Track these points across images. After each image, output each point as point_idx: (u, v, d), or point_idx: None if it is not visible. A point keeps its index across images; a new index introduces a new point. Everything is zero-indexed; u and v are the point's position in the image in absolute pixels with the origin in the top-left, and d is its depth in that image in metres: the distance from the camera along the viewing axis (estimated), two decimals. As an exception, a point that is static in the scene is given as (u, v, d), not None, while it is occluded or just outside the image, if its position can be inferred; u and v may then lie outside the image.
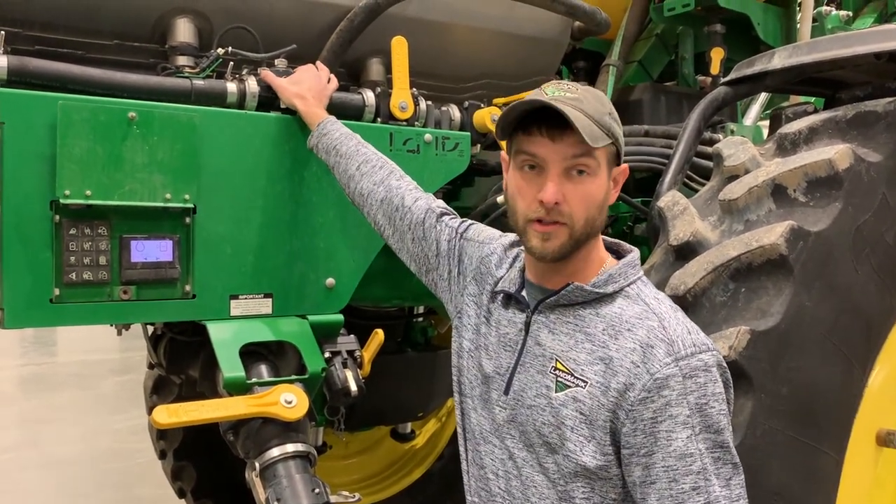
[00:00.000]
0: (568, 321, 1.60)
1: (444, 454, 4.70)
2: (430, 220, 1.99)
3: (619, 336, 1.52)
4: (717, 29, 3.24)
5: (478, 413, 1.73)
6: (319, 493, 2.02)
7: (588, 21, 2.90)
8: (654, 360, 1.46)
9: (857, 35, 2.40)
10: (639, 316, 1.53)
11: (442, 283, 1.95)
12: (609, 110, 1.57)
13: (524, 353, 1.64)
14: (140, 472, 5.76)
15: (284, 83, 2.30)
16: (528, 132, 1.55)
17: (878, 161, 2.16)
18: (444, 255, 1.94)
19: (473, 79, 3.00)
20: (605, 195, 1.59)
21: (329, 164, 2.23)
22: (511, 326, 1.69)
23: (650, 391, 1.45)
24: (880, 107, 2.24)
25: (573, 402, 1.52)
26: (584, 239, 1.57)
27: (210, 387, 2.40)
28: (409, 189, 2.08)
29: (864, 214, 2.11)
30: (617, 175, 1.64)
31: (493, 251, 1.85)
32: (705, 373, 1.46)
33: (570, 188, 1.53)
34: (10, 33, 2.22)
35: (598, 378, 1.51)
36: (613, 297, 1.58)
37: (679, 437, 1.43)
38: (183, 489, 4.00)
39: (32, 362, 9.90)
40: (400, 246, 2.07)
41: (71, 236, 2.02)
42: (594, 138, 1.49)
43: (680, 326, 1.51)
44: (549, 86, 1.58)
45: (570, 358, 1.56)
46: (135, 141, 2.08)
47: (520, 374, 1.64)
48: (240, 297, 2.25)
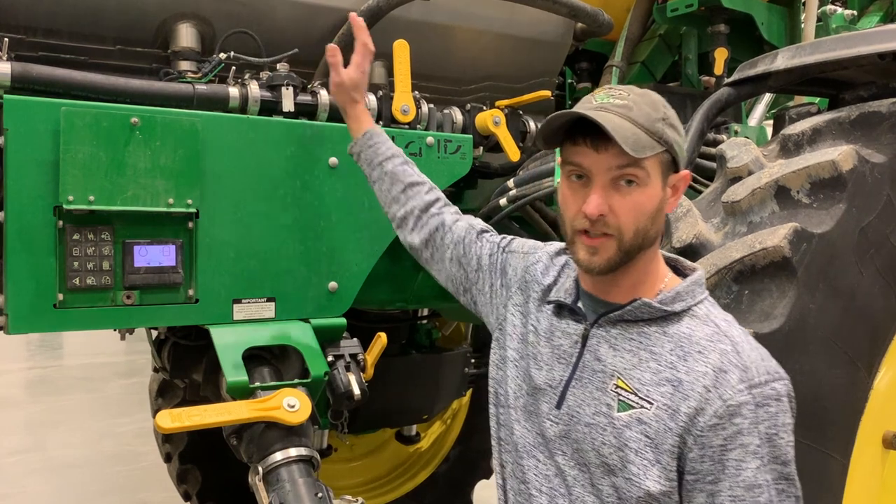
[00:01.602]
0: (631, 338, 1.54)
1: (449, 457, 4.70)
2: (471, 236, 1.97)
3: (688, 358, 1.46)
4: (721, 29, 3.22)
5: (521, 425, 1.67)
6: (322, 498, 2.02)
7: (590, 22, 2.89)
8: (727, 385, 1.41)
9: (860, 35, 2.39)
10: (710, 338, 1.48)
11: (482, 298, 1.91)
12: (662, 115, 1.50)
13: (580, 366, 1.58)
14: (145, 476, 5.77)
15: (337, 82, 2.16)
16: (574, 141, 1.51)
17: (882, 162, 2.15)
18: (486, 269, 1.90)
19: (476, 81, 3.00)
20: (657, 205, 1.52)
21: (370, 176, 2.16)
22: (566, 338, 1.63)
23: (721, 418, 1.40)
24: (884, 107, 2.23)
25: (638, 424, 1.47)
26: (636, 251, 1.51)
27: (213, 391, 2.40)
28: (450, 212, 2.06)
29: (868, 216, 2.10)
30: (677, 182, 1.56)
31: (538, 259, 1.80)
32: (777, 402, 1.42)
33: (618, 199, 1.48)
34: (14, 40, 2.23)
35: (665, 400, 1.45)
36: (680, 317, 1.52)
37: (749, 467, 1.39)
38: (188, 492, 4.01)
39: (38, 366, 9.92)
40: (438, 267, 2.03)
41: (74, 241, 2.03)
42: (639, 148, 1.43)
43: (753, 352, 1.46)
44: (599, 91, 1.54)
45: (633, 377, 1.50)
46: (137, 146, 2.08)
47: (574, 388, 1.58)
48: (242, 301, 2.25)
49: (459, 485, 4.71)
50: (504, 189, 2.73)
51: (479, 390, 4.53)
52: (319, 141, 2.35)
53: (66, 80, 2.10)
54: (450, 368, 3.91)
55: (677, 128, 1.53)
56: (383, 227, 2.45)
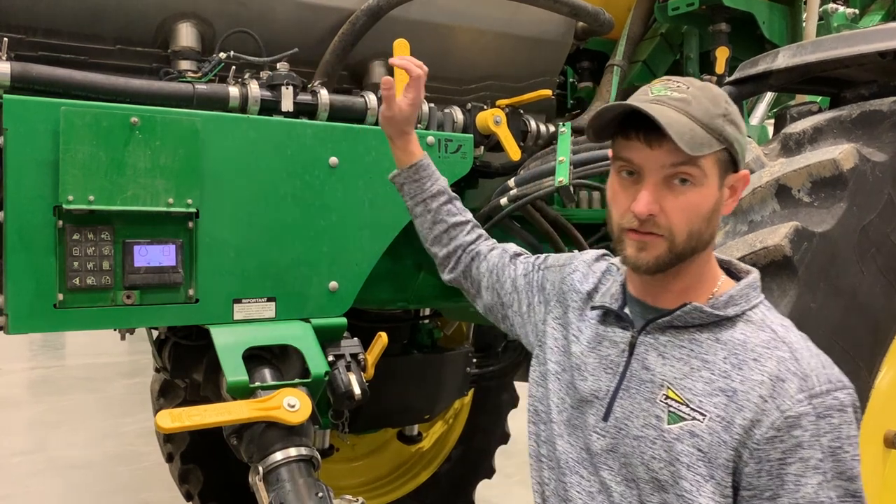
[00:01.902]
0: (681, 345, 1.46)
1: (451, 456, 4.70)
2: (503, 261, 1.95)
3: (743, 366, 1.38)
4: (722, 28, 3.21)
5: (564, 440, 1.59)
6: (323, 497, 2.01)
7: (591, 21, 2.89)
8: (785, 395, 1.33)
9: (861, 34, 2.38)
10: (766, 344, 1.39)
11: (519, 319, 1.87)
12: (723, 111, 1.41)
13: (627, 376, 1.50)
14: (148, 476, 5.77)
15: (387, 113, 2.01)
16: (627, 136, 1.43)
17: (883, 161, 2.15)
18: (522, 289, 1.87)
19: (476, 80, 3.00)
20: (713, 206, 1.42)
21: (411, 209, 2.09)
22: (612, 346, 1.56)
23: (779, 430, 1.32)
24: (885, 106, 2.23)
25: (690, 437, 1.38)
26: (688, 254, 1.43)
27: (214, 391, 2.40)
28: (486, 244, 2.04)
29: (869, 214, 2.10)
30: (735, 182, 1.48)
31: (575, 269, 1.76)
32: (840, 413, 1.33)
33: (670, 198, 1.40)
34: (14, 40, 2.23)
35: (718, 411, 1.37)
36: (734, 322, 1.44)
37: (809, 483, 1.30)
38: (190, 492, 4.01)
39: (41, 366, 9.93)
40: (478, 296, 2.01)
41: (74, 241, 2.03)
42: (695, 145, 1.35)
43: (813, 359, 1.37)
44: (657, 83, 1.46)
45: (684, 387, 1.42)
46: (137, 146, 2.08)
47: (622, 399, 1.50)
48: (243, 301, 2.25)
49: (461, 484, 4.71)
50: (505, 188, 2.72)
51: (480, 390, 4.54)
52: (320, 140, 2.35)
53: (66, 80, 2.10)
54: (451, 368, 3.91)
55: (738, 125, 1.44)
56: (384, 227, 2.45)
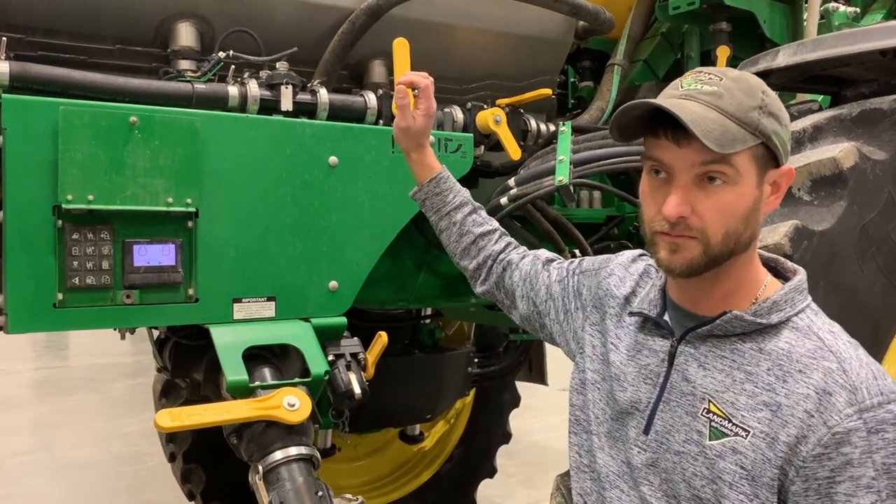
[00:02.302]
0: (723, 356, 1.38)
1: (452, 456, 4.70)
2: (536, 268, 1.88)
3: (788, 378, 1.30)
4: (723, 27, 3.21)
5: (605, 453, 1.54)
6: (323, 497, 2.01)
7: (591, 20, 2.89)
8: (833, 410, 1.25)
9: (861, 32, 2.38)
10: (812, 354, 1.31)
11: (557, 327, 1.80)
12: (759, 104, 1.32)
13: (668, 388, 1.44)
14: (152, 476, 5.78)
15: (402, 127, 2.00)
16: (655, 134, 1.37)
17: (883, 159, 2.15)
18: (557, 295, 1.80)
19: (476, 80, 3.00)
20: (750, 204, 1.34)
21: (436, 224, 2.06)
22: (652, 356, 1.49)
23: (827, 447, 1.24)
24: (886, 104, 2.23)
25: (732, 454, 1.32)
26: (725, 256, 1.35)
27: (214, 390, 2.40)
28: (517, 252, 1.98)
29: (869, 213, 2.10)
30: (778, 178, 1.39)
31: (611, 272, 1.69)
32: (894, 427, 1.25)
33: (703, 199, 1.33)
34: (13, 39, 2.23)
35: (762, 427, 1.30)
36: (779, 330, 1.36)
37: (861, 503, 1.23)
38: (192, 492, 4.01)
39: (45, 366, 9.95)
40: (513, 306, 1.95)
41: (74, 241, 2.03)
42: (725, 142, 1.28)
43: (864, 369, 1.29)
44: (688, 76, 1.39)
45: (726, 400, 1.35)
46: (136, 145, 2.08)
47: (663, 412, 1.44)
48: (243, 300, 2.24)
49: (463, 484, 4.72)
50: (505, 188, 2.72)
51: (482, 390, 4.54)
52: (319, 140, 2.34)
53: (65, 80, 2.10)
54: (453, 368, 3.92)
55: (778, 116, 1.35)
56: (384, 226, 2.45)
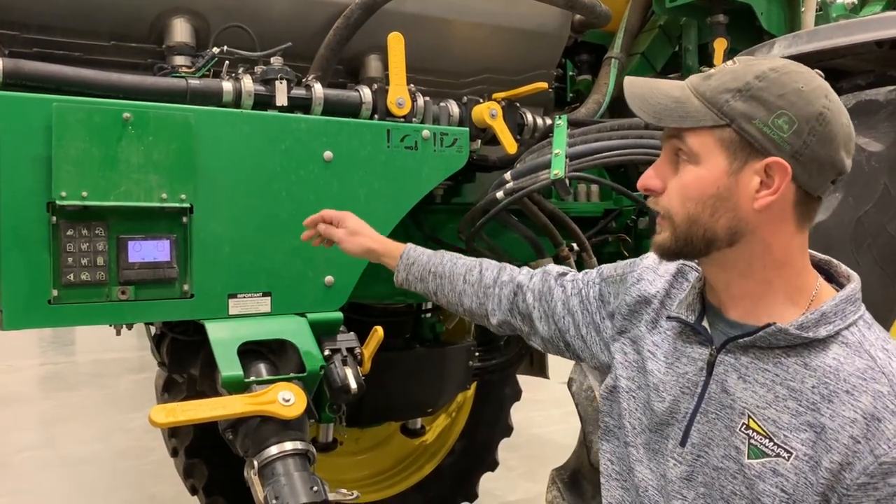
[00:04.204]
0: (766, 368, 1.31)
1: (454, 449, 4.69)
2: (549, 284, 1.79)
3: (834, 399, 1.23)
4: (720, 19, 3.20)
5: (644, 465, 1.47)
6: (318, 491, 2.02)
7: (587, 14, 2.88)
8: (882, 438, 1.18)
9: (857, 23, 2.37)
10: (862, 374, 1.24)
11: (579, 343, 1.71)
12: (741, 86, 1.26)
13: (706, 398, 1.38)
14: (155, 470, 5.79)
15: (346, 235, 2.10)
16: None
17: (879, 151, 2.14)
18: (577, 310, 1.71)
19: (473, 74, 2.99)
20: (713, 190, 1.28)
21: (428, 290, 2.03)
22: (690, 364, 1.43)
23: (873, 476, 1.18)
24: (881, 96, 2.21)
25: (773, 476, 1.26)
26: (699, 242, 1.31)
27: (210, 385, 2.41)
28: (522, 273, 1.89)
29: (865, 205, 2.09)
30: (766, 170, 1.27)
31: (640, 277, 1.61)
32: None
33: (671, 176, 1.34)
34: (8, 36, 2.24)
35: (805, 449, 1.24)
36: (827, 344, 1.28)
37: None
38: (195, 486, 4.01)
39: (50, 362, 9.97)
40: (532, 331, 1.82)
41: (68, 237, 2.03)
42: (669, 117, 1.29)
43: None
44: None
45: (767, 417, 1.29)
46: (130, 141, 2.08)
47: (700, 423, 1.38)
48: (238, 295, 2.25)
49: (465, 477, 4.71)
50: (501, 182, 2.71)
51: (483, 383, 4.54)
52: (314, 135, 2.34)
53: (58, 76, 2.10)
54: (454, 362, 3.92)
55: (764, 101, 1.26)
56: (379, 221, 2.43)
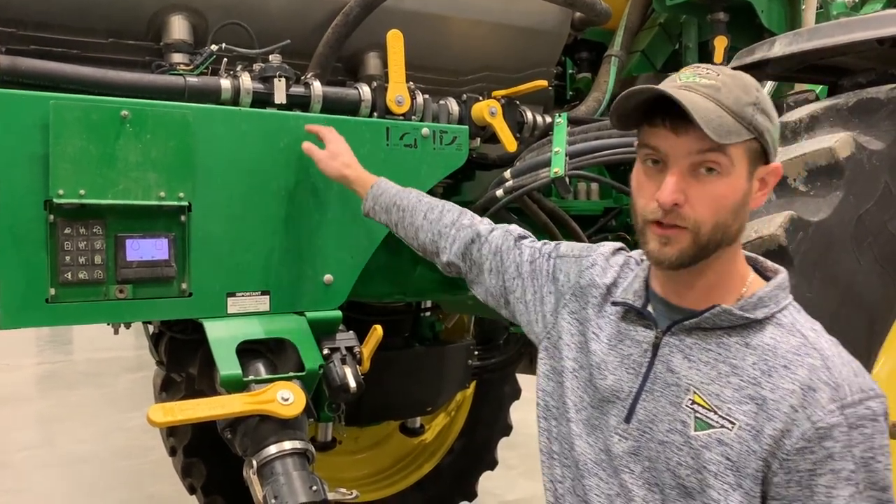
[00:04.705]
0: (708, 348, 1.42)
1: (453, 448, 4.70)
2: (508, 243, 1.87)
3: (773, 373, 1.34)
4: (721, 17, 3.18)
5: (584, 440, 1.55)
6: (317, 491, 2.01)
7: (587, 11, 2.87)
8: (817, 405, 1.29)
9: (858, 21, 2.36)
10: (796, 350, 1.35)
11: (521, 307, 1.80)
12: (754, 100, 1.37)
13: (651, 377, 1.47)
14: (153, 470, 5.78)
15: (326, 156, 2.23)
16: (652, 123, 1.40)
17: (880, 149, 2.13)
18: (527, 275, 1.80)
19: (472, 72, 2.98)
20: (741, 198, 1.38)
21: (390, 221, 2.13)
22: (634, 346, 1.52)
23: (810, 441, 1.29)
24: (882, 94, 2.21)
25: (718, 446, 1.35)
26: (713, 247, 1.39)
27: (209, 384, 2.40)
28: (483, 223, 1.97)
29: (865, 203, 2.08)
30: (766, 175, 1.43)
31: (594, 262, 1.69)
32: (872, 423, 1.30)
33: (696, 188, 1.36)
34: (5, 33, 2.23)
35: (748, 420, 1.34)
36: (763, 325, 1.40)
37: (840, 495, 1.27)
38: (193, 486, 4.01)
39: (48, 361, 9.96)
40: (478, 280, 1.93)
41: (66, 236, 2.02)
42: (723, 133, 1.31)
43: (845, 367, 1.34)
44: (686, 70, 1.43)
45: (711, 392, 1.38)
46: (128, 139, 2.07)
47: (645, 401, 1.47)
48: (237, 294, 2.24)
49: (464, 476, 4.71)
50: (501, 180, 2.71)
51: (482, 382, 4.53)
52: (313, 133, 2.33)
53: (55, 73, 2.09)
54: (453, 361, 3.92)
55: (770, 114, 1.40)
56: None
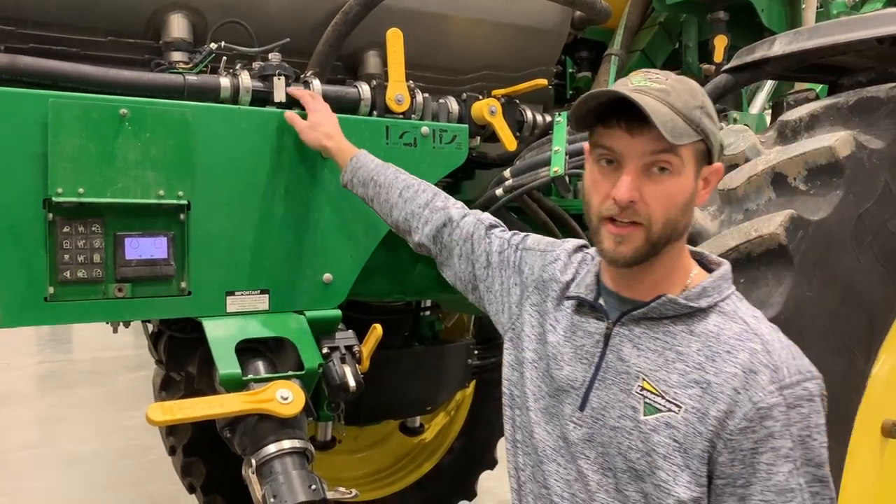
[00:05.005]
0: (656, 337, 1.49)
1: (453, 448, 4.69)
2: (479, 232, 1.92)
3: (716, 358, 1.42)
4: (721, 16, 3.18)
5: (542, 428, 1.62)
6: (316, 490, 2.01)
7: (587, 10, 2.86)
8: (757, 387, 1.37)
9: (858, 20, 2.35)
10: (738, 336, 1.43)
11: (490, 296, 1.86)
12: (701, 104, 1.45)
13: (603, 367, 1.54)
14: (154, 469, 5.78)
15: (307, 126, 2.25)
16: (607, 124, 1.45)
17: (880, 148, 2.12)
18: (496, 265, 1.85)
19: (472, 70, 2.97)
20: (689, 196, 1.46)
21: (367, 196, 2.17)
22: (587, 337, 1.59)
23: (752, 421, 1.36)
24: (882, 92, 2.20)
25: (666, 429, 1.43)
26: (663, 243, 1.46)
27: (208, 383, 2.40)
28: (455, 207, 2.01)
29: (866, 202, 2.08)
30: (709, 175, 1.51)
31: (557, 257, 1.75)
32: (809, 403, 1.38)
33: (650, 186, 1.43)
34: (4, 31, 2.22)
35: (693, 403, 1.41)
36: (707, 314, 1.48)
37: (780, 471, 1.35)
38: (193, 485, 4.01)
39: (48, 360, 9.94)
40: (448, 264, 1.99)
41: (65, 234, 2.01)
42: (676, 134, 1.38)
43: (784, 350, 1.41)
44: (636, 74, 1.49)
45: (659, 378, 1.46)
46: (127, 138, 2.06)
47: (598, 389, 1.53)
48: (236, 293, 2.24)
49: (464, 475, 4.71)
50: (501, 179, 2.70)
51: (482, 381, 4.53)
52: (312, 131, 2.33)
53: (54, 72, 2.08)
54: (453, 360, 3.91)
55: (714, 117, 1.48)
56: (378, 218, 2.43)
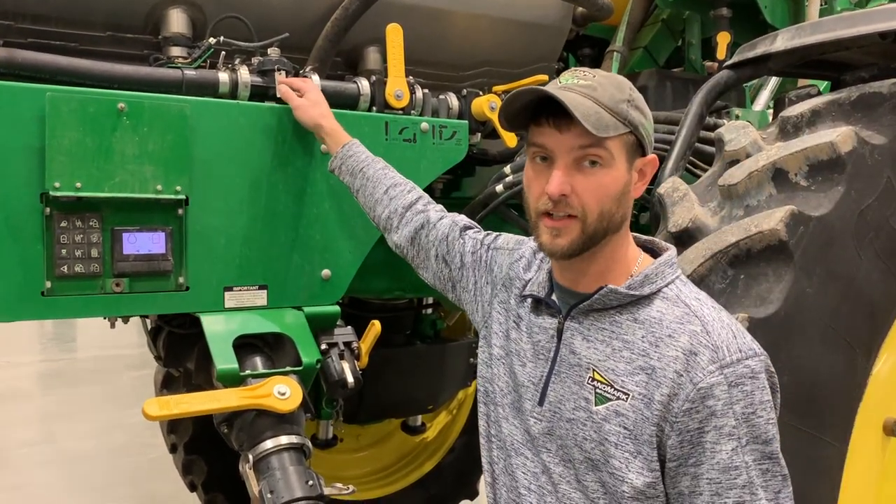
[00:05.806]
0: (603, 328, 1.52)
1: (455, 446, 4.68)
2: (454, 234, 1.96)
3: (659, 343, 1.44)
4: (724, 13, 3.18)
5: (509, 423, 1.66)
6: (313, 486, 2.00)
7: (589, 6, 2.85)
8: (698, 368, 1.39)
9: (861, 15, 2.33)
10: (680, 320, 1.45)
11: (466, 296, 1.90)
12: (628, 97, 1.49)
13: (558, 361, 1.57)
14: (155, 467, 5.78)
15: (306, 103, 2.25)
16: (538, 123, 1.50)
17: (882, 143, 2.10)
18: (469, 266, 1.90)
19: (473, 66, 2.96)
20: (622, 187, 1.50)
21: (353, 185, 2.19)
22: (543, 333, 1.62)
23: (694, 401, 1.38)
24: (885, 88, 2.18)
25: (616, 417, 1.45)
26: (600, 235, 1.49)
27: (206, 379, 2.39)
28: (434, 210, 2.06)
29: (867, 198, 2.06)
30: (643, 166, 1.55)
31: (522, 255, 1.79)
32: (752, 380, 1.39)
33: (581, 179, 1.47)
34: (2, 26, 2.22)
35: (640, 390, 1.43)
36: (651, 300, 1.50)
37: (724, 449, 1.37)
38: (194, 483, 4.00)
39: (51, 358, 9.97)
40: (425, 265, 2.04)
41: (62, 229, 2.01)
42: (601, 127, 1.42)
43: (724, 330, 1.43)
44: (565, 74, 1.53)
45: (608, 368, 1.48)
46: (125, 132, 2.06)
47: (555, 384, 1.56)
48: (234, 288, 2.23)
49: (465, 474, 4.70)
50: (501, 175, 2.70)
51: (483, 380, 4.52)
52: (311, 127, 2.32)
53: (52, 66, 2.07)
54: (455, 358, 3.90)
55: (643, 110, 1.52)
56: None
